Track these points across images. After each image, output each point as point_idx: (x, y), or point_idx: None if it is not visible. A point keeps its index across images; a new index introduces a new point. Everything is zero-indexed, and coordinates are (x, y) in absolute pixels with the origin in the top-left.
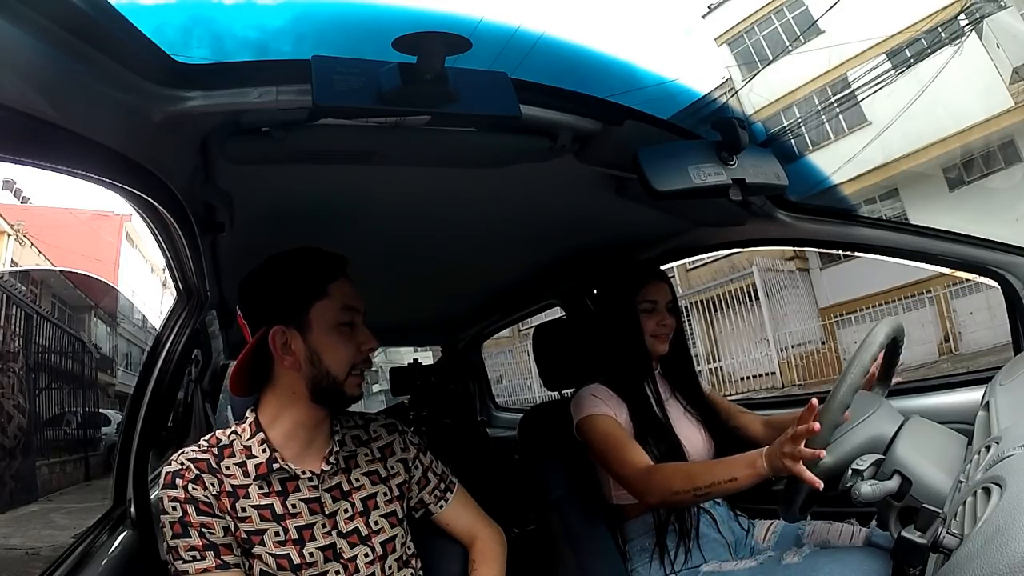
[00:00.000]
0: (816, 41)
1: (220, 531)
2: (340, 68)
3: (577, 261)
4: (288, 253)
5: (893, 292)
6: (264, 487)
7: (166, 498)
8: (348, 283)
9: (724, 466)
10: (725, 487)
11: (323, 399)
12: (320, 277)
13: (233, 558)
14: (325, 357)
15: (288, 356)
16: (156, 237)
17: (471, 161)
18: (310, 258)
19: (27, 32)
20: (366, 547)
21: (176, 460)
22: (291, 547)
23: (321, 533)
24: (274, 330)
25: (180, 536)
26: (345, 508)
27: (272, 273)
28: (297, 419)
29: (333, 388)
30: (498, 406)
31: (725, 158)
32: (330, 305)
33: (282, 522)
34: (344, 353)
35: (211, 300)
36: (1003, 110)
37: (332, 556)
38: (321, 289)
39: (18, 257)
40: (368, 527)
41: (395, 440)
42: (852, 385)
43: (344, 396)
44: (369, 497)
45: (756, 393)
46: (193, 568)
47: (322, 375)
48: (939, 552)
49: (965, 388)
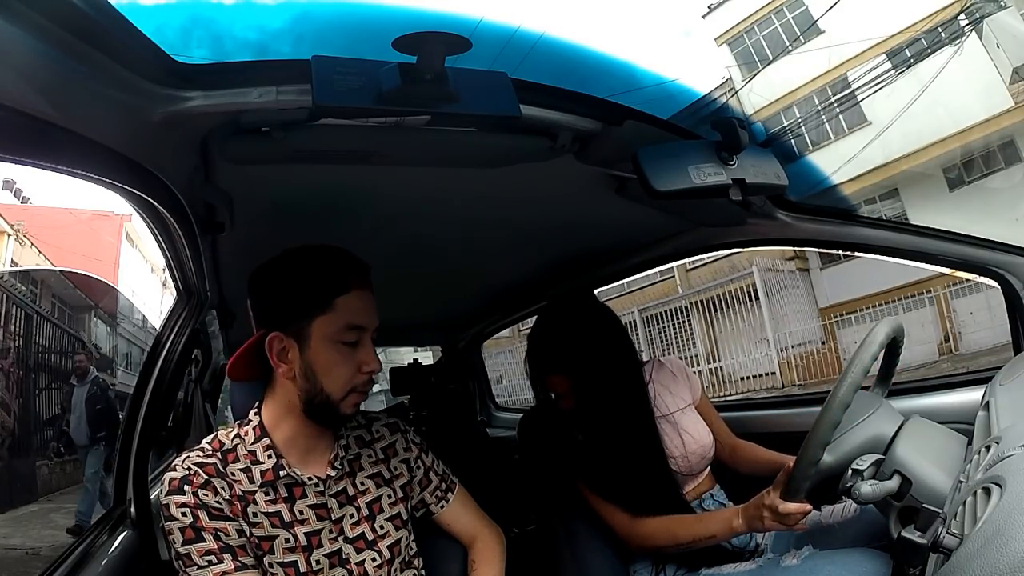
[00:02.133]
0: (816, 41)
1: (234, 533)
2: (340, 68)
3: (577, 261)
4: (306, 251)
5: (893, 292)
6: (271, 494)
7: (173, 504)
8: (361, 296)
9: (703, 523)
10: (705, 542)
11: (316, 416)
12: (329, 289)
13: (250, 559)
14: (321, 375)
15: (284, 364)
16: (156, 237)
17: (471, 161)
18: (325, 263)
19: (27, 32)
20: (373, 551)
21: (182, 465)
22: (299, 554)
23: (328, 539)
24: (272, 336)
25: (193, 541)
26: (351, 513)
27: (282, 272)
28: (296, 427)
29: (327, 406)
30: (498, 406)
31: (725, 158)
32: (334, 321)
33: (291, 529)
34: (342, 373)
35: (211, 300)
36: (1003, 110)
37: (338, 562)
38: (327, 302)
39: (18, 257)
40: (374, 531)
41: (398, 440)
42: (853, 384)
43: (338, 416)
44: (374, 501)
45: (756, 393)
46: (211, 572)
47: (316, 392)
48: (939, 552)
49: (965, 388)
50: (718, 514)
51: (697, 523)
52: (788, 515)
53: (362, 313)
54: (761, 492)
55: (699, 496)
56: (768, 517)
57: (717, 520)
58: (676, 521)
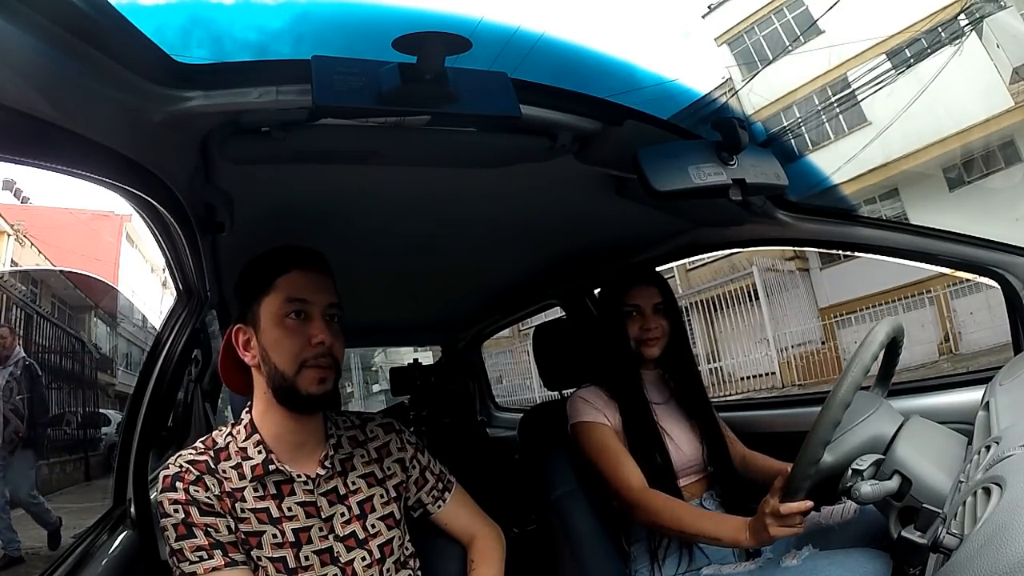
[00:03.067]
0: (816, 41)
1: (224, 530)
2: (340, 68)
3: (577, 261)
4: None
5: (893, 292)
6: (259, 490)
7: (166, 501)
8: (303, 274)
9: (713, 523)
10: (706, 540)
11: (284, 400)
12: (269, 271)
13: (240, 555)
14: (272, 353)
15: (248, 353)
16: (156, 237)
17: (471, 161)
18: (270, 253)
19: (27, 32)
20: (363, 551)
21: (174, 463)
22: (288, 550)
23: (318, 537)
24: (236, 328)
25: (185, 537)
26: (342, 512)
27: (241, 272)
28: (278, 420)
29: (285, 386)
30: (498, 406)
31: (725, 158)
32: (276, 298)
33: (278, 525)
34: (289, 347)
35: (211, 300)
36: (1003, 110)
37: (329, 560)
38: (268, 283)
39: (18, 257)
40: (365, 530)
41: (392, 440)
42: (853, 384)
43: (299, 394)
44: (366, 500)
45: (756, 393)
46: (201, 568)
47: (273, 372)
48: (939, 552)
49: (965, 388)
50: (728, 521)
51: (706, 519)
52: (790, 516)
53: (303, 288)
54: (760, 502)
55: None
56: (772, 524)
57: (726, 527)
58: (684, 508)
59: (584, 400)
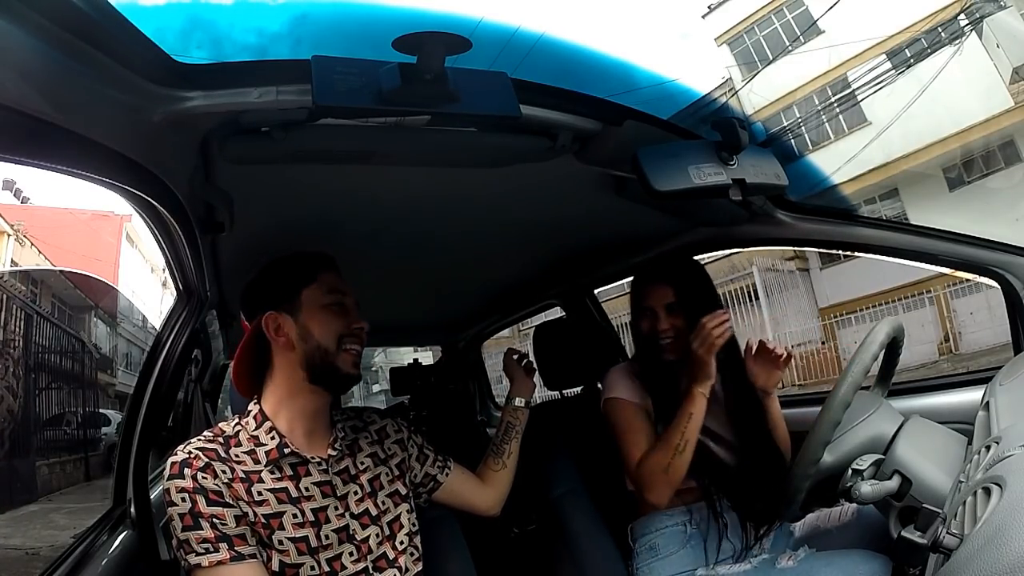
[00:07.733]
0: (816, 41)
1: (232, 521)
2: (340, 68)
3: (577, 261)
4: (284, 255)
5: (893, 292)
6: (276, 472)
7: (173, 489)
8: (337, 276)
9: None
10: (691, 426)
11: (319, 377)
12: (309, 267)
13: (248, 548)
14: (315, 330)
15: (281, 337)
16: (156, 237)
17: (471, 161)
18: (301, 254)
19: (27, 32)
20: (376, 527)
21: (183, 450)
22: (309, 529)
23: (335, 515)
24: (267, 316)
25: (191, 528)
26: (355, 490)
27: (267, 271)
28: (297, 408)
29: (325, 363)
30: (498, 406)
31: (725, 158)
32: (319, 289)
33: (298, 504)
34: (333, 326)
35: (211, 300)
36: (1003, 110)
37: (346, 538)
38: (311, 276)
39: (18, 257)
40: (376, 507)
41: (388, 424)
42: (853, 384)
43: (338, 372)
44: (374, 478)
45: None
46: (206, 561)
47: (313, 349)
48: (939, 552)
49: (965, 388)
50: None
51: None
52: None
53: (341, 283)
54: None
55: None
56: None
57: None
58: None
59: (619, 376)
